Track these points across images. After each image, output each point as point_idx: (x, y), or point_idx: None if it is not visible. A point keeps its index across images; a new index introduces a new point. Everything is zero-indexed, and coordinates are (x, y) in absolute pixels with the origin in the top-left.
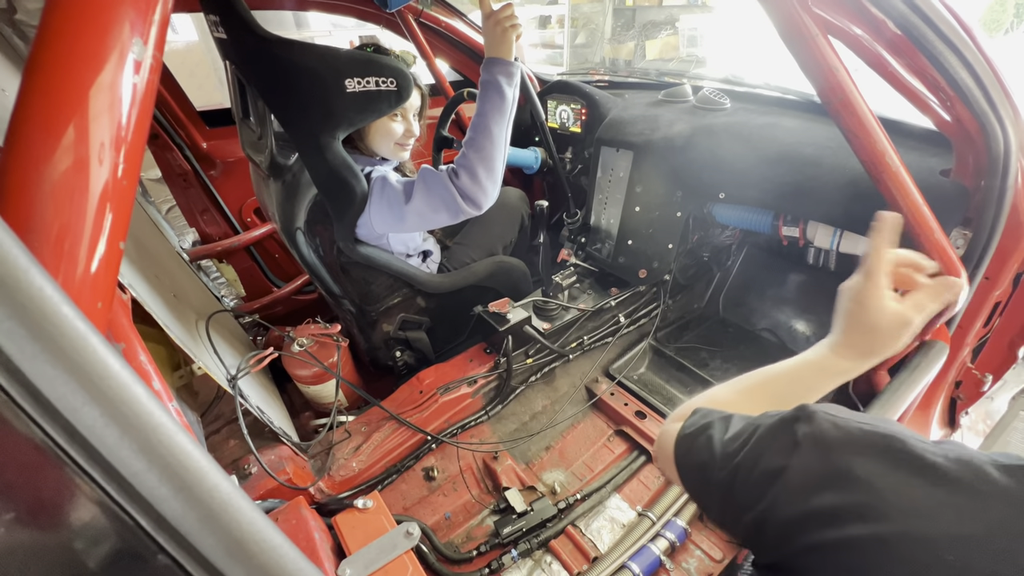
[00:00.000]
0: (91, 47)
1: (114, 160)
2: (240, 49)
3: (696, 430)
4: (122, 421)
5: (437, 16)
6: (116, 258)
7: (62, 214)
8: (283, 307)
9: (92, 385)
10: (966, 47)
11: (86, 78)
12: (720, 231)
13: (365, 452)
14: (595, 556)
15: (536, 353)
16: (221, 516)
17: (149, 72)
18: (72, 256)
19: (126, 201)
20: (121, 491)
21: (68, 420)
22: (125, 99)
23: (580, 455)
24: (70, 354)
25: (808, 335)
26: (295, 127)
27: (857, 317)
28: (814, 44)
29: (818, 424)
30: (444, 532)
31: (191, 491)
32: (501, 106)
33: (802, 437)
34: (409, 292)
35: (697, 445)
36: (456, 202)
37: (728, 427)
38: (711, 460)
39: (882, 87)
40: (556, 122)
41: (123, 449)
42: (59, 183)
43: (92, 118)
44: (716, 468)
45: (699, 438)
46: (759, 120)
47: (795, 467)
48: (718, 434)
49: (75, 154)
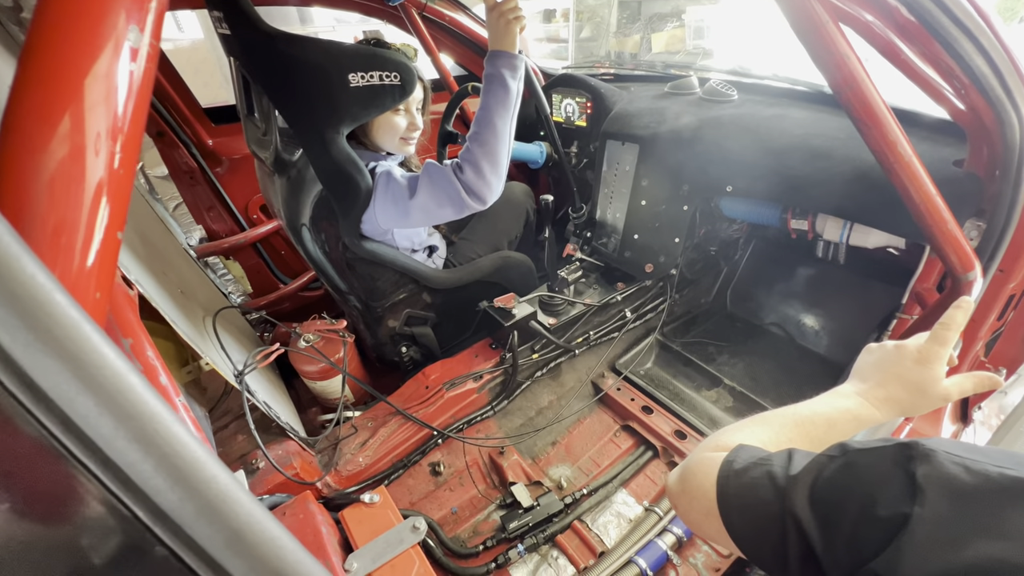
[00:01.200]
0: (86, 35)
1: (111, 149)
2: (244, 45)
3: (751, 463)
4: (117, 411)
5: (440, 10)
6: (114, 248)
7: (59, 204)
8: (290, 303)
9: (86, 374)
10: (982, 33)
11: (82, 66)
12: (727, 225)
13: (372, 447)
14: (602, 551)
15: (542, 348)
16: (219, 507)
17: (146, 60)
18: (69, 246)
19: (123, 191)
20: (117, 481)
21: (62, 410)
22: (121, 88)
23: (586, 450)
24: (64, 343)
25: (817, 329)
26: (299, 123)
27: (912, 379)
28: (825, 32)
29: (942, 467)
30: (450, 527)
31: (188, 482)
32: (505, 100)
33: (924, 481)
34: (414, 288)
35: (752, 479)
36: (460, 197)
37: (791, 462)
38: (774, 497)
39: (892, 76)
40: (561, 116)
41: (118, 439)
42: (56, 173)
43: (88, 107)
44: (784, 506)
45: (753, 471)
46: (767, 112)
47: (925, 517)
48: (779, 469)
49: (71, 143)
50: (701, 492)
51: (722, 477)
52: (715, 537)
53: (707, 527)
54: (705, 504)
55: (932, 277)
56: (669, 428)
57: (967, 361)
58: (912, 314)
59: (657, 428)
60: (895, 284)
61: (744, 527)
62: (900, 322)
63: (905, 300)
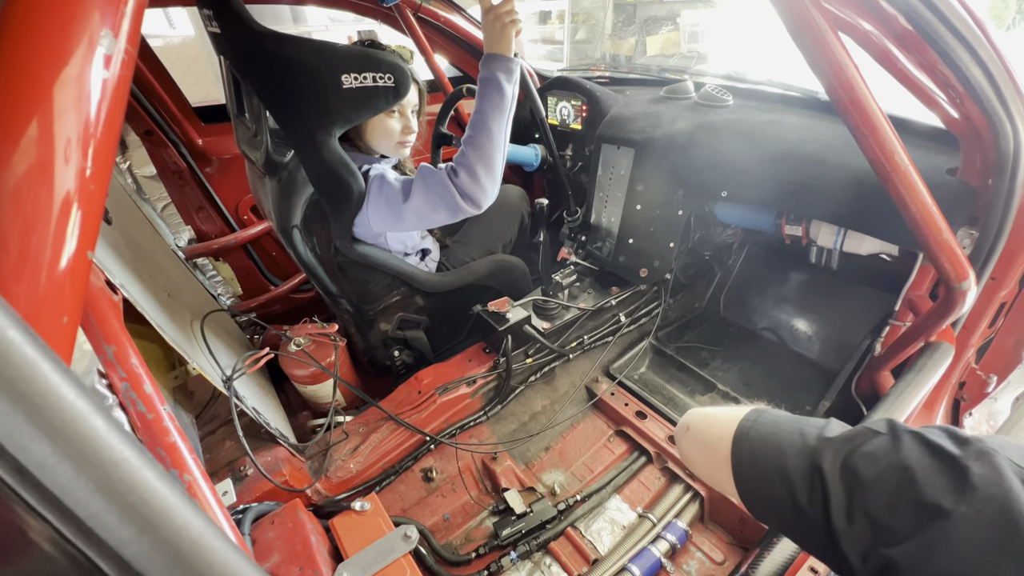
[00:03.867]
0: (55, 39)
1: (81, 161)
2: (234, 44)
3: (783, 419)
4: (77, 458)
5: (435, 11)
6: (84, 268)
7: (22, 220)
8: (280, 306)
9: (41, 418)
10: (978, 43)
11: (50, 72)
12: (722, 230)
13: (363, 453)
14: (595, 558)
15: (536, 353)
16: (190, 557)
17: (121, 67)
18: (35, 266)
19: (95, 206)
20: (79, 534)
21: (15, 457)
22: (94, 95)
23: (580, 456)
24: (16, 384)
25: (809, 335)
26: (291, 124)
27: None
28: (823, 40)
29: (1001, 470)
30: (443, 533)
31: (156, 532)
32: (500, 104)
33: (978, 481)
34: (407, 291)
35: (779, 431)
36: (455, 201)
37: (827, 427)
38: (799, 451)
39: (882, 81)
40: (556, 119)
41: (79, 489)
42: (19, 186)
43: (56, 115)
44: (811, 462)
45: (785, 425)
46: (762, 117)
47: (967, 517)
48: (813, 430)
49: (37, 154)
50: (717, 426)
51: (747, 422)
52: (712, 477)
53: (710, 467)
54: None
55: (925, 284)
56: (663, 433)
57: (958, 368)
58: (905, 321)
59: (651, 433)
60: (888, 291)
61: (749, 479)
62: (893, 329)
63: (898, 307)
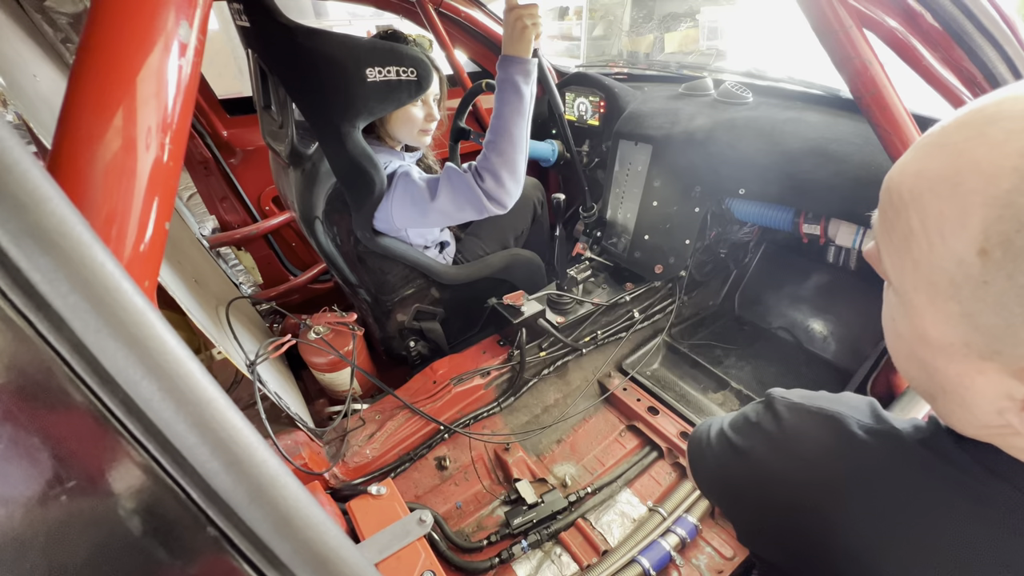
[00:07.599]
0: (139, 29)
1: (161, 142)
2: (263, 37)
3: (702, 424)
4: (177, 396)
5: (456, 6)
6: (162, 238)
7: (112, 195)
8: (299, 295)
9: (151, 359)
10: (1006, 39)
11: (135, 61)
12: (738, 228)
13: (379, 440)
14: (605, 549)
15: (550, 346)
16: (268, 491)
17: (194, 54)
18: (121, 235)
19: (171, 183)
20: (175, 464)
21: (127, 393)
22: (171, 82)
23: (591, 449)
24: (131, 328)
25: (825, 335)
26: (316, 116)
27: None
28: (847, 37)
29: (747, 408)
30: (455, 521)
31: (240, 466)
32: (519, 106)
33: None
34: (424, 283)
35: (700, 435)
36: (482, 203)
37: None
38: (708, 447)
39: (908, 80)
40: (574, 115)
41: (178, 423)
42: (110, 165)
43: (140, 101)
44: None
45: (701, 427)
46: (782, 115)
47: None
48: (716, 425)
49: (124, 137)
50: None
51: (688, 441)
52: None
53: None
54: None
55: None
56: (675, 429)
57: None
58: None
59: (662, 429)
60: None
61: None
62: None
63: None
